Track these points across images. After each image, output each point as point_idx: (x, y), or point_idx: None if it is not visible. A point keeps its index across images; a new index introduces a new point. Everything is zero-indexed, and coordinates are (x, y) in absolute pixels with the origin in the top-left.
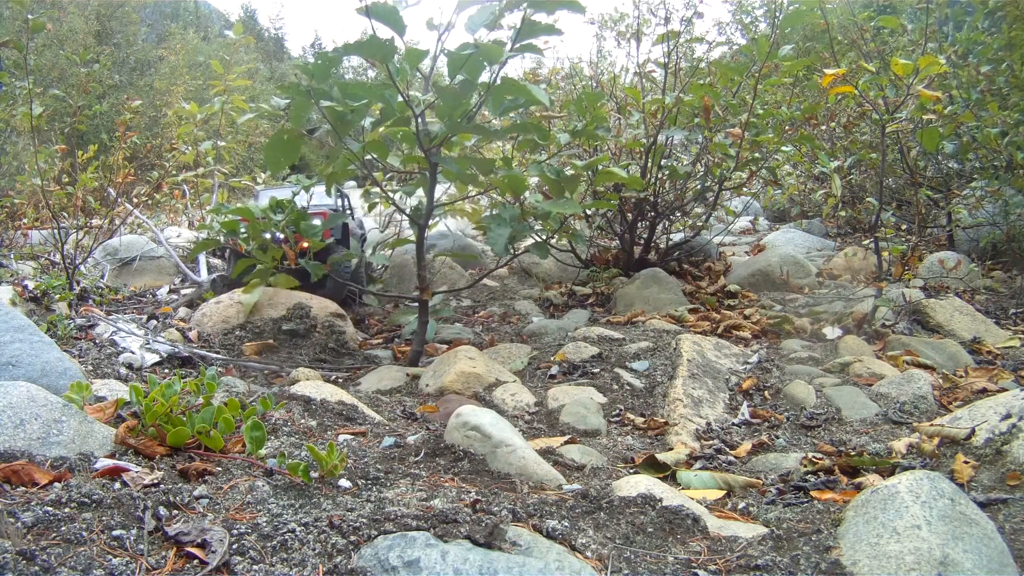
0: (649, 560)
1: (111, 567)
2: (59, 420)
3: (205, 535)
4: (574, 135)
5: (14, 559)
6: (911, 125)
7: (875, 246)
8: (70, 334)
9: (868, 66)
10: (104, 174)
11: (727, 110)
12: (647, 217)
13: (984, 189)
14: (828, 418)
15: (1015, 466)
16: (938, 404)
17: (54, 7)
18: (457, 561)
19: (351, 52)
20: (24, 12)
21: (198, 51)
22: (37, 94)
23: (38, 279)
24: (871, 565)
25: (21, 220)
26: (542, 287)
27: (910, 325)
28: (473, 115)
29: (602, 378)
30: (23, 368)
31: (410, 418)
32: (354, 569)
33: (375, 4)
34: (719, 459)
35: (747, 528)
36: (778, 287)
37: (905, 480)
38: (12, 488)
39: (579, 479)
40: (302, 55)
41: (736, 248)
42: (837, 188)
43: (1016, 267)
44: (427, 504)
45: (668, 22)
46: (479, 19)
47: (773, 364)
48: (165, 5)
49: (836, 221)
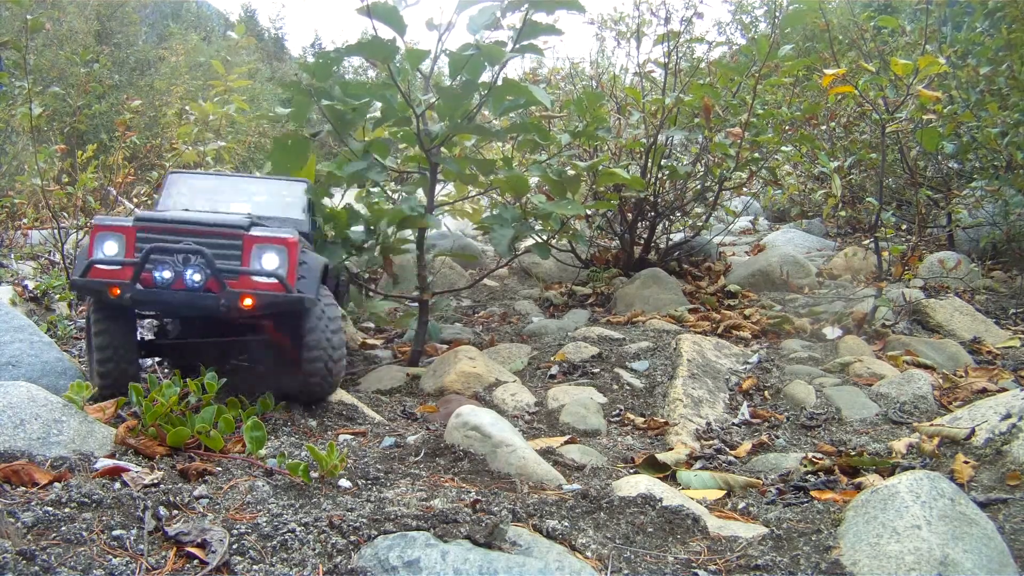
0: (649, 560)
1: (111, 567)
2: (59, 420)
3: (205, 535)
4: (575, 136)
5: (14, 559)
6: (911, 125)
7: (875, 246)
8: (70, 334)
9: (868, 66)
10: (104, 174)
11: (727, 110)
12: (647, 217)
13: (984, 189)
14: (828, 418)
15: (1015, 466)
16: (938, 404)
17: (54, 7)
18: (457, 561)
19: (352, 53)
20: (23, 12)
21: (198, 51)
22: (37, 94)
23: (38, 279)
24: (871, 565)
25: (21, 220)
26: (542, 287)
27: (910, 325)
28: (474, 115)
29: (602, 378)
30: (23, 368)
31: (410, 418)
32: (354, 569)
33: (375, 4)
34: (719, 459)
35: (747, 528)
36: (778, 287)
37: (905, 480)
38: (12, 488)
39: (579, 479)
40: (302, 55)
41: (736, 248)
42: (837, 188)
43: (1016, 267)
44: (427, 504)
45: (668, 22)
46: (480, 19)
47: (773, 364)
48: (165, 5)
49: (836, 221)
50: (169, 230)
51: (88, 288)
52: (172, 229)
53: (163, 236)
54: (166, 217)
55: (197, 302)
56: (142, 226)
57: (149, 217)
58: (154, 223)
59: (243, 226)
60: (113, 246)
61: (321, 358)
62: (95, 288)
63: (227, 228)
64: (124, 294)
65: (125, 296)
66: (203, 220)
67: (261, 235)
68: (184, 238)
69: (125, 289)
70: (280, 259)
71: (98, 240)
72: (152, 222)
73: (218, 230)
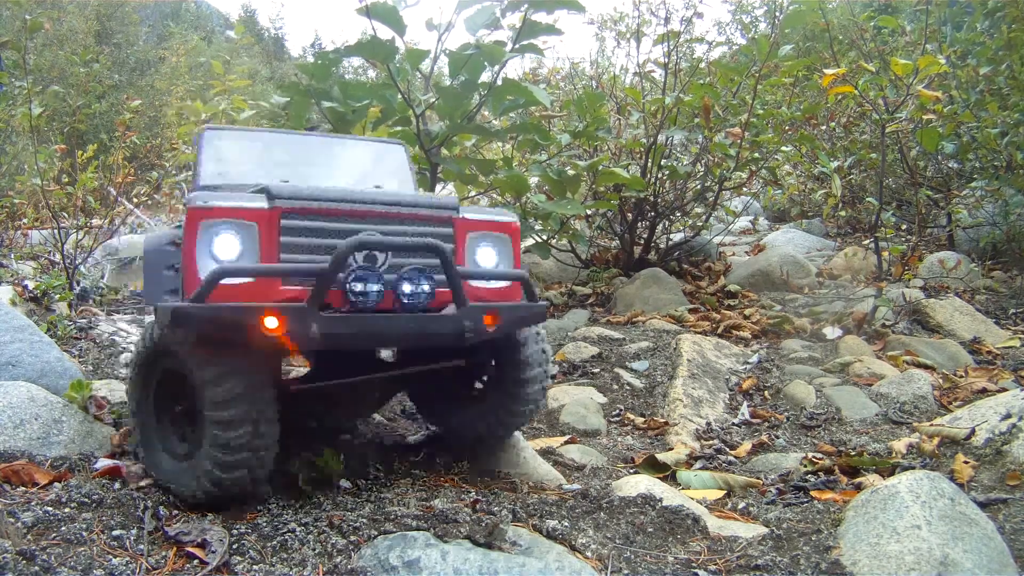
0: (649, 560)
1: (111, 567)
2: (59, 420)
3: (205, 535)
4: (575, 136)
5: (14, 559)
6: (911, 125)
7: (875, 246)
8: (70, 334)
9: (868, 66)
10: (104, 174)
11: (727, 110)
12: (647, 217)
13: (984, 189)
14: (828, 418)
15: (1015, 466)
16: (938, 404)
17: (54, 7)
18: (457, 561)
19: (352, 53)
20: (23, 12)
21: (198, 51)
22: (37, 94)
23: (38, 279)
24: (871, 565)
25: (21, 220)
26: (542, 287)
27: (910, 325)
28: (474, 115)
29: (602, 378)
30: (23, 368)
31: (410, 418)
32: (354, 569)
33: (375, 4)
34: (719, 459)
35: (747, 528)
36: (778, 287)
37: (905, 480)
38: (12, 488)
39: (579, 479)
40: (302, 55)
41: (736, 248)
42: (837, 188)
43: (1016, 267)
44: (427, 504)
45: (668, 22)
46: (479, 19)
47: (773, 364)
48: (165, 5)
49: (836, 221)
50: (333, 212)
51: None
52: (340, 211)
53: (326, 223)
54: (321, 192)
55: (429, 329)
56: (290, 207)
57: (293, 193)
58: (307, 202)
59: (451, 206)
60: (233, 243)
61: (540, 377)
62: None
63: (429, 208)
64: (302, 329)
65: (303, 332)
66: (383, 197)
67: (477, 218)
68: (358, 223)
69: (299, 320)
70: (502, 252)
71: (205, 234)
72: (302, 200)
73: (416, 212)
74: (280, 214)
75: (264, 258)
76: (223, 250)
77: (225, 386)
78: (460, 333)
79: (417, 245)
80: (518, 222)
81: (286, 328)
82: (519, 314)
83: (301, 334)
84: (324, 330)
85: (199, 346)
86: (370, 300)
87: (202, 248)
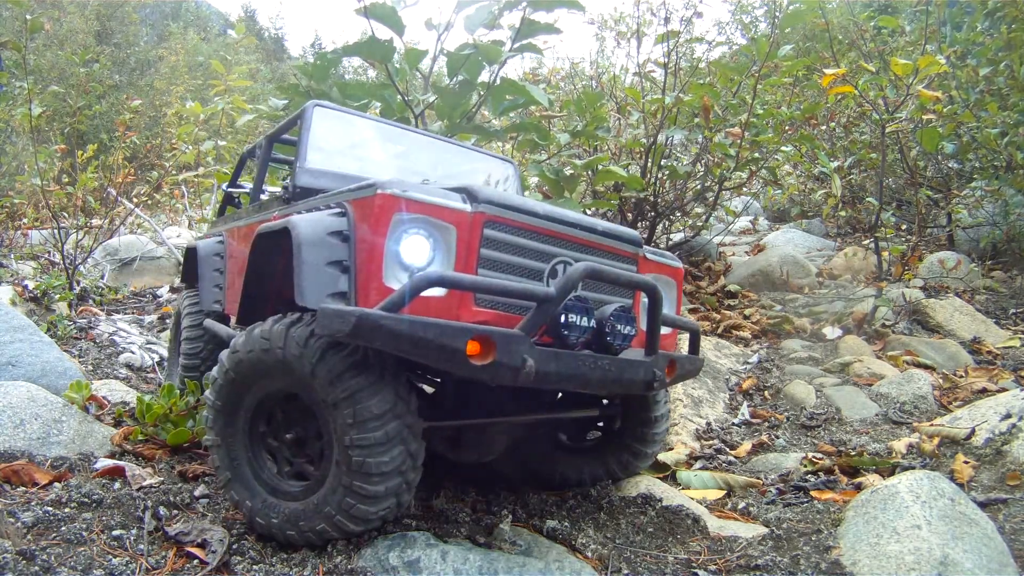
0: (649, 560)
1: (111, 567)
2: (59, 420)
3: (205, 535)
4: (574, 135)
5: (14, 559)
6: (911, 125)
7: (875, 246)
8: (70, 334)
9: (868, 66)
10: (104, 174)
11: (727, 110)
12: (647, 217)
13: (984, 189)
14: (828, 418)
15: (1015, 466)
16: (938, 404)
17: (54, 7)
18: (457, 561)
19: (351, 53)
20: (23, 12)
21: (198, 51)
22: (37, 94)
23: (38, 279)
24: (871, 565)
25: (21, 220)
26: None
27: (910, 325)
28: (473, 115)
29: None
30: (23, 368)
31: None
32: (354, 569)
33: (374, 4)
34: (719, 459)
35: (747, 528)
36: (778, 287)
37: (905, 480)
38: (12, 488)
39: None
40: (302, 55)
41: (736, 248)
42: (837, 188)
43: (1016, 267)
44: (427, 504)
45: (668, 22)
46: (478, 19)
47: (773, 364)
48: (165, 5)
49: (836, 221)
50: (538, 230)
51: (417, 341)
52: (543, 230)
53: (527, 240)
54: (528, 205)
55: (625, 376)
56: (495, 216)
57: (501, 200)
58: (515, 213)
59: (638, 241)
60: (423, 247)
61: (666, 415)
62: (434, 344)
63: (621, 242)
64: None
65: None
66: (580, 222)
67: (656, 260)
68: (555, 246)
69: (513, 350)
70: (668, 297)
71: (395, 230)
72: (511, 211)
73: (612, 244)
74: (484, 221)
75: (459, 269)
76: (411, 254)
77: (373, 402)
78: (649, 382)
79: (638, 282)
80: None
81: (494, 357)
82: (690, 367)
83: (511, 367)
84: (540, 366)
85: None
86: (577, 336)
87: (388, 247)
